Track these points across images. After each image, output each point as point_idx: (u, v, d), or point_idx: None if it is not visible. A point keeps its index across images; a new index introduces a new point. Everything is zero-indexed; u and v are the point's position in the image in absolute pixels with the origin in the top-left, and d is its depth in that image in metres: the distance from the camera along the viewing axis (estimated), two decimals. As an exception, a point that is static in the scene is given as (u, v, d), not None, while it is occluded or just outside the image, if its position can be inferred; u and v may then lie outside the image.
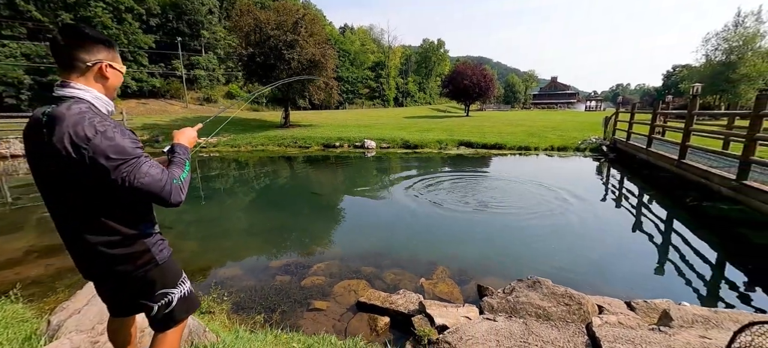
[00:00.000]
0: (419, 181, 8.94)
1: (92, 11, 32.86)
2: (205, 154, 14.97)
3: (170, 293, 1.38)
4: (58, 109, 1.10)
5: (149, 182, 1.14)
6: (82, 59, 1.16)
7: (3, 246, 4.86)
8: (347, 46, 58.03)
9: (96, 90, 1.20)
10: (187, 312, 1.48)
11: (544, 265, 4.12)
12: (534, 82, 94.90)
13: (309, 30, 18.96)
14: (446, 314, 2.67)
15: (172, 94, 38.46)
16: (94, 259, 1.23)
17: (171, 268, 1.41)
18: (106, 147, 1.08)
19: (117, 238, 1.21)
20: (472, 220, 5.76)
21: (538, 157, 12.96)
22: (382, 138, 16.27)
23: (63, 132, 1.06)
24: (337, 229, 5.77)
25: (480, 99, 39.92)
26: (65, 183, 1.12)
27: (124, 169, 1.11)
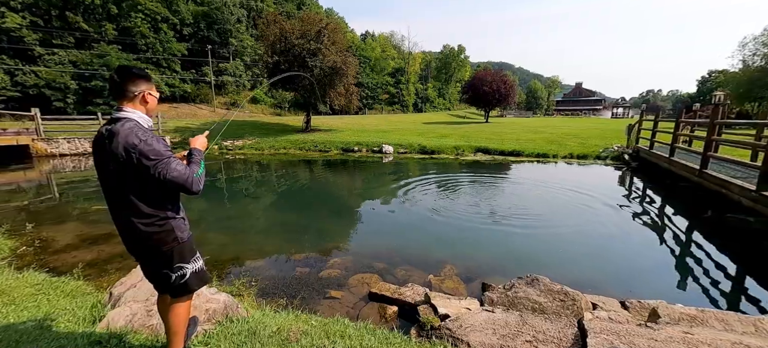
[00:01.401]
0: (433, 186, 9.17)
1: (132, 22, 35.33)
2: (231, 156, 15.80)
3: (185, 267, 1.78)
4: (115, 126, 1.57)
5: (177, 176, 1.59)
6: (131, 90, 1.64)
7: (59, 234, 5.52)
8: (368, 52, 59.02)
9: (140, 111, 1.66)
10: (198, 284, 1.87)
11: (554, 270, 4.26)
12: (557, 88, 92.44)
13: (331, 38, 19.64)
14: (449, 305, 2.92)
15: (201, 99, 40.52)
16: (136, 236, 1.65)
17: (188, 247, 1.81)
18: (147, 150, 1.53)
19: (153, 219, 1.64)
20: (483, 224, 5.94)
21: (556, 165, 12.85)
22: (399, 143, 16.59)
23: (119, 142, 1.53)
24: (353, 228, 6.11)
25: (500, 105, 39.52)
26: (119, 179, 1.58)
27: (160, 166, 1.55)
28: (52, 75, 30.16)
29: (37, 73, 29.81)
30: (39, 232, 5.51)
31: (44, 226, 5.85)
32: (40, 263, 4.28)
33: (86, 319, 2.57)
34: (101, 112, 19.69)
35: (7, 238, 4.99)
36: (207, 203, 7.57)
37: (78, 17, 33.01)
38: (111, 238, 5.27)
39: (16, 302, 2.82)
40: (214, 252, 4.70)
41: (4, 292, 2.99)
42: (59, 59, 31.42)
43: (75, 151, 15.48)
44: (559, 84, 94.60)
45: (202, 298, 2.64)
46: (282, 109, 45.30)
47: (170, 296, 1.84)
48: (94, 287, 3.49)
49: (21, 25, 29.85)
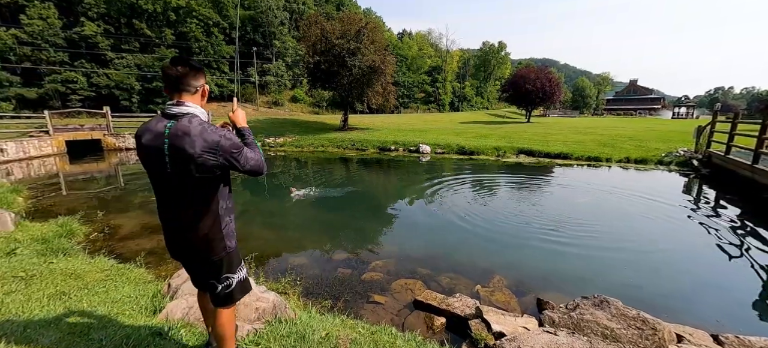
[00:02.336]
0: (475, 188, 8.80)
1: (188, 27, 38.23)
2: (273, 152, 16.45)
3: (232, 277, 1.68)
4: (180, 123, 1.42)
5: (255, 164, 1.56)
6: (192, 84, 1.51)
7: (124, 222, 6.01)
8: (405, 51, 58.78)
9: (200, 106, 1.54)
10: (241, 294, 1.77)
11: (613, 286, 3.84)
12: (608, 86, 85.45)
13: (370, 37, 19.75)
14: (504, 322, 2.69)
15: (246, 98, 42.84)
16: (194, 241, 1.55)
17: (236, 256, 1.71)
18: (229, 146, 1.46)
19: (215, 222, 1.56)
20: (532, 231, 5.55)
21: (610, 170, 11.80)
22: (436, 143, 16.24)
23: (194, 140, 1.39)
24: (393, 229, 6.00)
25: (543, 104, 37.37)
26: (188, 178, 1.44)
27: (241, 157, 1.51)
28: (120, 77, 33.54)
29: (108, 75, 33.32)
30: (108, 220, 6.04)
31: (112, 214, 6.41)
32: (108, 249, 4.67)
33: (148, 309, 2.70)
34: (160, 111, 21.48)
35: (82, 224, 5.51)
36: (251, 197, 7.87)
37: (142, 24, 36.35)
38: (168, 229, 5.63)
39: (88, 287, 3.05)
40: (260, 247, 4.83)
41: (79, 276, 3.26)
42: (126, 63, 34.88)
43: (138, 146, 17.01)
44: (610, 81, 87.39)
45: (253, 296, 2.67)
46: (320, 107, 46.55)
47: (213, 305, 1.74)
48: (154, 276, 3.71)
49: (96, 33, 33.52)
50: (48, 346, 2.06)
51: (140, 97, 34.52)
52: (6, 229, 4.69)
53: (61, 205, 7.13)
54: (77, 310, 2.52)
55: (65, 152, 15.07)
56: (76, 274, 3.29)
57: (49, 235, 4.68)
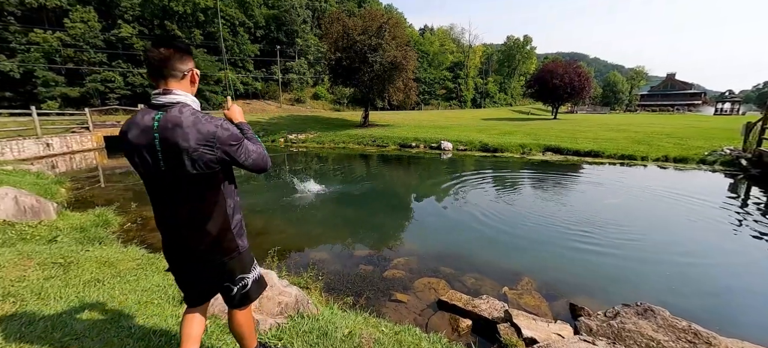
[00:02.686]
0: (499, 186, 8.52)
1: (215, 27, 39.53)
2: (295, 148, 16.72)
3: (247, 277, 1.53)
4: (170, 114, 1.24)
5: (257, 157, 1.41)
6: (179, 68, 1.31)
7: (156, 214, 6.24)
8: (426, 46, 58.11)
9: (190, 93, 1.35)
10: (258, 293, 1.62)
11: (653, 294, 3.55)
12: (642, 80, 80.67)
13: (392, 33, 19.61)
14: (535, 327, 2.53)
15: (269, 96, 43.91)
16: (201, 245, 1.37)
17: (248, 254, 1.56)
18: (227, 137, 1.29)
19: (223, 222, 1.39)
20: (561, 232, 5.26)
21: (645, 169, 11.09)
22: (458, 140, 15.91)
23: (187, 132, 1.22)
24: (414, 226, 5.89)
25: (572, 100, 35.84)
26: (184, 176, 1.27)
27: (241, 150, 1.35)
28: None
29: (142, 74, 35.06)
30: (140, 211, 6.30)
31: (144, 206, 6.68)
32: (140, 239, 4.85)
33: (175, 298, 2.75)
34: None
35: (117, 215, 5.78)
36: (274, 193, 7.98)
37: (173, 25, 37.97)
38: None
39: (121, 275, 3.16)
40: (282, 241, 4.87)
41: (112, 264, 3.38)
42: (159, 62, 36.53)
43: (169, 141, 17.81)
44: (645, 75, 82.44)
45: (275, 290, 2.65)
46: (341, 104, 46.92)
47: (229, 307, 1.59)
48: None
49: (132, 34, 35.35)
50: (81, 331, 2.12)
51: (171, 95, 36.10)
52: (49, 218, 4.98)
53: (99, 196, 7.53)
54: (109, 297, 2.60)
55: (104, 147, 16.00)
56: (110, 262, 3.42)
57: (87, 224, 4.93)
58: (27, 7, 31.65)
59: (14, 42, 30.82)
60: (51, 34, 31.98)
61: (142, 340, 2.08)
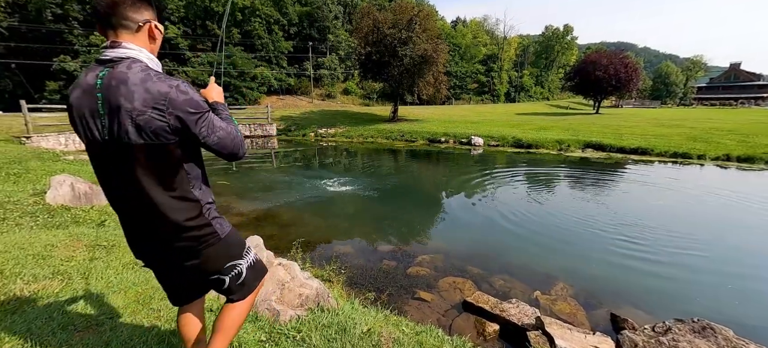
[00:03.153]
0: (533, 184, 8.07)
1: (252, 26, 41.18)
2: (325, 142, 17.00)
3: (239, 263, 1.32)
4: (116, 70, 1.02)
5: (224, 136, 1.16)
6: (131, 18, 1.08)
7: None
8: (458, 39, 56.62)
9: (146, 50, 1.12)
10: (256, 279, 1.42)
11: (713, 310, 3.15)
12: (700, 71, 72.99)
13: (422, 26, 19.25)
14: (570, 338, 2.32)
15: (302, 91, 45.07)
16: (161, 232, 1.14)
17: (235, 238, 1.33)
18: (184, 101, 1.05)
19: (185, 206, 1.15)
20: (602, 234, 4.86)
21: (702, 169, 10.01)
22: (490, 135, 15.35)
23: (132, 91, 1.00)
24: (441, 223, 5.72)
25: (616, 93, 33.23)
26: (130, 149, 1.04)
27: (203, 123, 1.10)
28: (196, 73, 37.46)
29: (186, 72, 37.41)
30: (179, 200, 6.68)
31: (183, 195, 7.08)
32: (178, 226, 5.13)
33: (203, 284, 2.84)
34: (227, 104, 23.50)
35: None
36: (300, 186, 8.13)
37: (214, 25, 40.03)
38: (229, 211, 6.05)
39: (157, 259, 3.33)
40: (307, 233, 4.92)
41: (150, 249, 3.58)
42: (200, 60, 38.80)
43: (208, 135, 18.84)
44: (703, 66, 74.54)
45: (297, 281, 2.65)
46: (371, 99, 47.10)
47: (227, 300, 1.38)
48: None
49: (177, 35, 37.75)
50: (116, 309, 2.24)
51: (211, 91, 38.24)
52: (100, 204, 5.40)
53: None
54: (143, 280, 2.73)
55: (151, 140, 17.24)
56: (148, 247, 3.63)
57: (132, 210, 5.29)
58: (88, 12, 34.82)
59: (77, 44, 34.09)
60: (108, 36, 34.97)
61: (169, 322, 2.15)
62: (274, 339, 2.12)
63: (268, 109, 21.16)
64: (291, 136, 19.63)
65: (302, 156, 13.25)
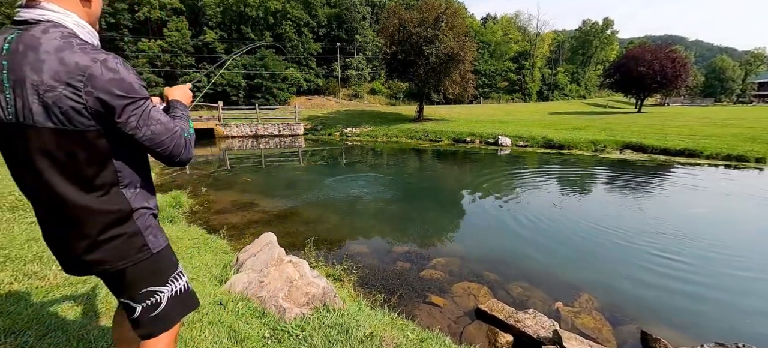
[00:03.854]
0: (562, 186, 7.64)
1: (283, 28, 42.56)
2: (350, 142, 17.17)
3: (159, 292, 1.07)
4: (27, 33, 0.82)
5: (161, 131, 0.94)
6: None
7: (220, 198, 6.87)
8: (488, 37, 55.07)
9: (76, 14, 0.90)
10: (180, 314, 1.16)
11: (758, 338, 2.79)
12: (761, 66, 65.65)
13: (449, 23, 18.89)
14: (590, 355, 2.14)
15: (330, 92, 45.91)
16: (73, 241, 0.94)
17: (165, 257, 1.10)
18: (108, 80, 0.84)
19: (104, 213, 0.93)
20: (636, 244, 4.47)
21: (761, 173, 8.97)
22: (519, 135, 14.75)
23: (42, 60, 0.80)
24: (460, 226, 5.56)
25: (662, 90, 30.70)
26: (43, 131, 0.83)
27: (133, 112, 0.89)
28: (230, 76, 39.30)
29: (222, 74, 39.32)
30: (208, 195, 7.00)
31: (212, 191, 7.43)
32: (203, 220, 5.37)
33: (217, 278, 2.94)
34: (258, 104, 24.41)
35: (189, 197, 6.49)
36: (326, 183, 8.24)
37: (248, 29, 41.79)
38: (253, 207, 6.26)
39: (179, 251, 3.49)
40: (321, 230, 4.97)
41: (175, 241, 3.76)
42: (235, 63, 40.66)
43: (239, 134, 19.67)
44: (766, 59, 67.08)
45: (304, 280, 2.66)
46: (397, 99, 47.05)
47: (135, 332, 1.09)
48: (231, 247, 4.09)
49: (214, 39, 39.86)
50: (134, 300, 2.36)
51: (245, 93, 39.94)
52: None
53: (181, 180, 8.58)
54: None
55: (188, 138, 18.30)
56: (174, 239, 3.81)
57: (165, 204, 5.60)
58: (136, 20, 37.73)
59: (127, 50, 36.99)
60: (154, 42, 37.67)
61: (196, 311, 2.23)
62: (277, 336, 2.14)
63: (296, 109, 21.74)
64: (317, 135, 20.05)
65: (327, 155, 13.47)
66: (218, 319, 2.20)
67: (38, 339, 1.85)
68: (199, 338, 1.99)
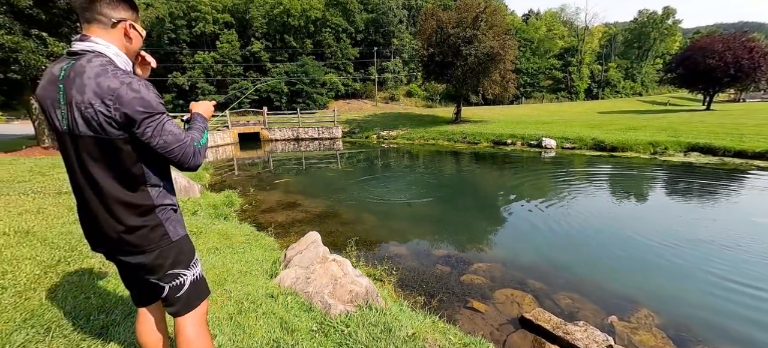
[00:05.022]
0: (615, 192, 7.08)
1: (323, 36, 44.20)
2: (386, 144, 17.34)
3: (183, 275, 1.28)
4: (78, 63, 1.06)
5: (172, 141, 1.14)
6: (106, 14, 1.11)
7: (267, 197, 7.31)
8: (530, 33, 52.65)
9: (116, 47, 1.14)
10: (198, 299, 1.35)
11: None
12: None
13: (489, 22, 18.38)
14: (651, 374, 1.98)
15: (366, 95, 46.73)
16: (108, 229, 1.16)
17: (186, 245, 1.31)
18: (131, 99, 1.05)
19: (133, 206, 1.16)
20: (705, 255, 4.03)
21: None
22: (564, 136, 13.92)
23: (85, 84, 1.03)
24: (502, 230, 5.38)
25: (736, 84, 27.18)
26: (83, 143, 1.08)
27: (149, 124, 1.09)
28: (274, 83, 41.59)
29: (266, 81, 41.74)
30: (256, 195, 7.49)
31: (260, 191, 7.93)
32: (252, 218, 5.76)
33: (268, 273, 3.15)
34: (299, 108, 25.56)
35: (239, 196, 6.99)
36: (364, 185, 8.42)
37: (290, 38, 43.98)
38: (296, 206, 6.59)
39: (233, 246, 3.79)
40: (362, 231, 5.09)
41: (228, 237, 4.09)
42: (278, 70, 42.96)
43: (282, 137, 20.73)
44: None
45: (348, 278, 2.76)
46: (433, 101, 46.65)
47: (169, 313, 1.33)
48: (279, 245, 4.35)
49: (260, 49, 42.46)
50: (198, 289, 2.61)
51: (287, 98, 42.03)
52: (195, 196, 6.35)
53: (231, 181, 9.27)
54: (221, 264, 3.14)
55: (237, 142, 19.67)
56: (227, 235, 4.15)
57: (218, 203, 6.10)
58: (193, 35, 41.38)
59: (185, 62, 40.70)
60: (207, 54, 41.06)
61: (237, 303, 2.43)
62: (324, 330, 2.25)
63: (335, 113, 22.42)
64: (354, 138, 20.50)
65: (364, 157, 13.72)
66: (271, 311, 2.36)
67: (124, 317, 2.13)
68: (255, 327, 2.16)
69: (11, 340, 1.85)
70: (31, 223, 3.65)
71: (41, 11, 8.90)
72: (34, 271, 2.63)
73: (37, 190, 5.24)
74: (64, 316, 2.10)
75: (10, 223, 3.56)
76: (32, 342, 1.86)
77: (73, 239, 3.24)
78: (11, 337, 1.87)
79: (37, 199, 4.71)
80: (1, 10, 8.30)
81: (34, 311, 2.13)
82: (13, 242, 3.10)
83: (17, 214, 3.95)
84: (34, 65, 8.77)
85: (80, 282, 2.52)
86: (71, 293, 2.36)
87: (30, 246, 3.05)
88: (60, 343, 1.88)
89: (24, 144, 11.67)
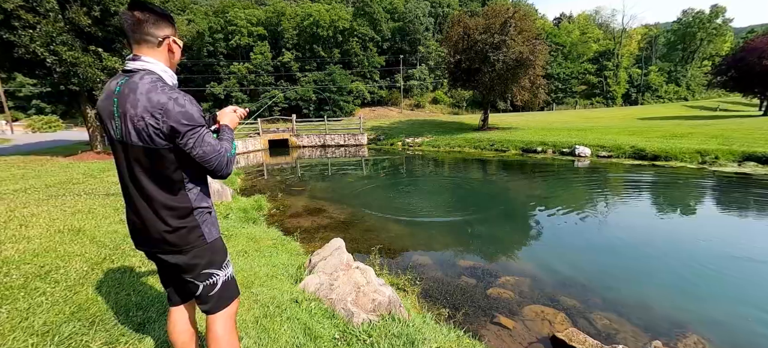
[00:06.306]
0: (658, 204, 6.58)
1: (349, 45, 45.20)
2: (411, 152, 17.28)
3: (216, 274, 1.38)
4: (131, 80, 1.19)
5: (209, 151, 1.25)
6: (153, 34, 1.23)
7: (294, 203, 7.50)
8: (562, 38, 50.77)
9: (163, 63, 1.27)
10: (230, 298, 1.43)
11: None
12: None
13: (518, 27, 17.92)
14: (702, 408, 1.78)
15: (392, 102, 47.04)
16: (153, 231, 1.28)
17: (220, 246, 1.41)
18: (179, 113, 1.17)
19: (175, 209, 1.28)
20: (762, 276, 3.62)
21: None
22: (600, 144, 13.19)
23: (138, 99, 1.15)
24: (531, 243, 5.15)
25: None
26: (134, 153, 1.21)
27: (191, 135, 1.20)
28: (303, 91, 42.99)
29: (296, 90, 43.24)
30: (284, 200, 7.70)
31: (287, 196, 8.15)
32: (279, 223, 5.92)
33: (293, 277, 3.20)
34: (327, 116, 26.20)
35: (267, 201, 7.22)
36: (388, 192, 8.42)
37: (319, 48, 45.37)
38: (321, 212, 6.69)
39: (260, 250, 3.91)
40: (386, 240, 5.06)
41: (256, 240, 4.22)
42: (307, 80, 44.37)
43: (309, 144, 21.26)
44: None
45: (371, 287, 2.75)
46: (460, 107, 46.07)
47: (202, 310, 1.43)
48: (304, 250, 4.43)
49: (290, 59, 44.15)
50: (227, 291, 2.70)
51: (315, 106, 43.24)
52: (226, 200, 6.64)
53: (260, 186, 9.62)
54: (249, 267, 3.24)
55: (267, 148, 20.42)
56: (255, 238, 4.29)
57: (248, 207, 6.33)
58: (230, 47, 43.83)
59: (222, 73, 43.12)
60: (242, 66, 43.29)
61: (263, 307, 2.48)
62: (346, 338, 2.24)
63: (361, 120, 22.72)
64: (380, 145, 20.61)
65: (389, 164, 13.75)
66: (295, 316, 2.39)
67: (159, 315, 2.24)
68: (279, 331, 2.19)
69: (60, 331, 2.00)
70: (82, 222, 3.97)
71: (98, 29, 9.80)
72: (82, 267, 2.85)
73: (88, 191, 5.70)
74: (106, 311, 2.25)
75: (65, 222, 3.90)
76: (78, 334, 2.00)
77: (118, 237, 3.48)
78: (61, 328, 2.02)
79: (89, 200, 5.13)
80: (65, 29, 9.23)
81: (82, 305, 2.30)
82: (66, 240, 3.39)
83: (71, 213, 4.31)
84: (91, 78, 9.65)
85: (122, 279, 2.69)
86: (114, 289, 2.52)
87: (80, 243, 3.31)
88: (102, 336, 2.01)
89: (80, 148, 12.81)
